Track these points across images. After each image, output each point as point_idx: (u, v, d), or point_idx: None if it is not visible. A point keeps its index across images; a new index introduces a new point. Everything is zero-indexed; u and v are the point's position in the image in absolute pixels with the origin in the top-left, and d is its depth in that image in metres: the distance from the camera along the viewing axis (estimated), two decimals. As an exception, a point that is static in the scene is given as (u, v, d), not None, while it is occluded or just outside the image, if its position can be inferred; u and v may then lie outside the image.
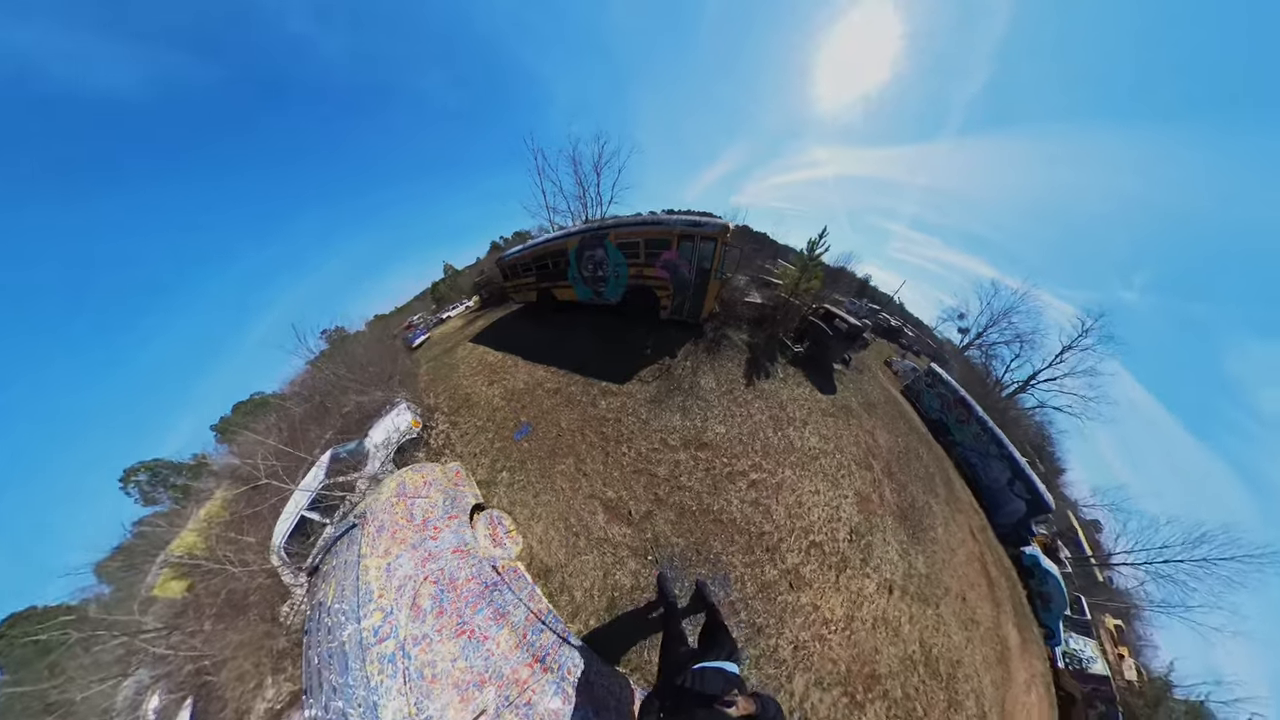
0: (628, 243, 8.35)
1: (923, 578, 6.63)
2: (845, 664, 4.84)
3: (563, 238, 9.66)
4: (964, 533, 9.33)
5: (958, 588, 7.44)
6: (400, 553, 3.49)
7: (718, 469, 6.11)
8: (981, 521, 11.60)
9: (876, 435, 9.02)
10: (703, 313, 8.92)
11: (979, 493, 12.67)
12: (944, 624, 6.43)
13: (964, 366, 26.28)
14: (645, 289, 8.68)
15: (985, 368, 27.69)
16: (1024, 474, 12.93)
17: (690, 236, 7.74)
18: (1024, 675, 7.78)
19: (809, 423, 7.81)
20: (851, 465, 7.41)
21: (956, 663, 6.20)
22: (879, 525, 6.62)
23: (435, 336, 18.18)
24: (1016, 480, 12.72)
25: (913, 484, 8.45)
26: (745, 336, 9.69)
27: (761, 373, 8.61)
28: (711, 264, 7.87)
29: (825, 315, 9.48)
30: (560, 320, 10.66)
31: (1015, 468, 12.92)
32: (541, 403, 7.26)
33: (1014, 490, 12.78)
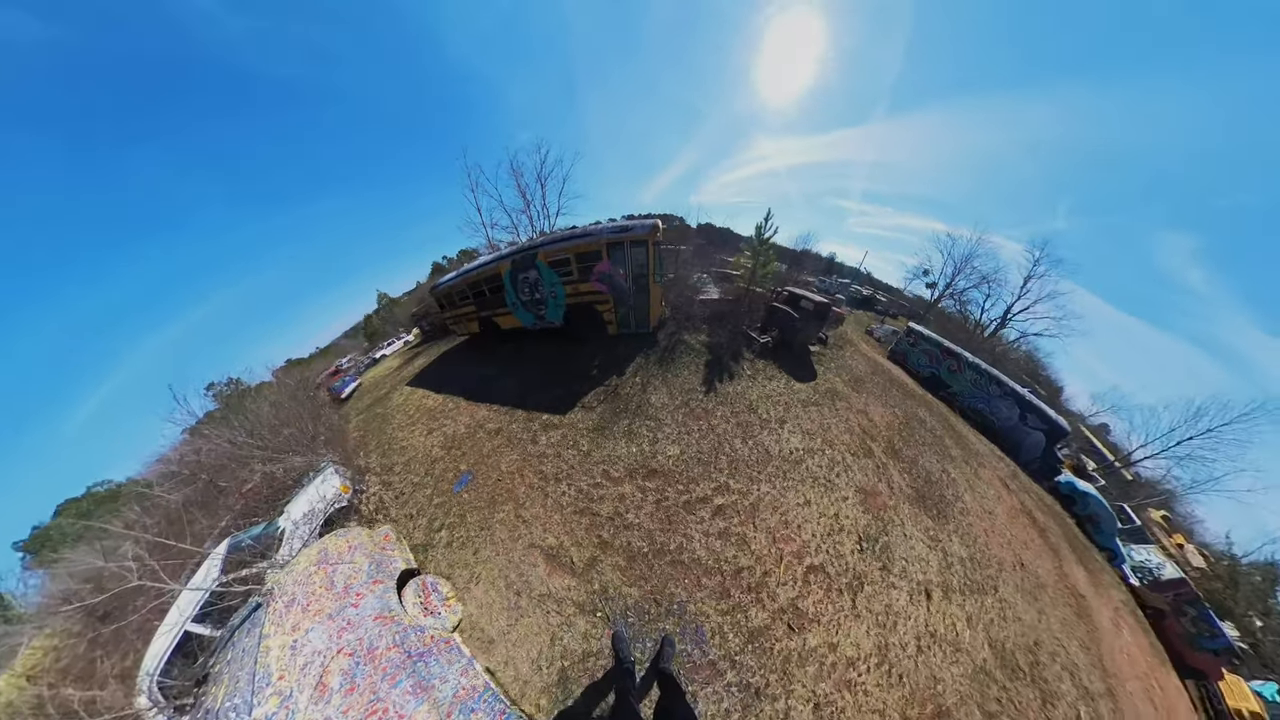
0: (558, 260, 7.88)
1: (966, 562, 5.80)
2: (896, 710, 3.83)
3: (494, 261, 9.11)
4: (996, 488, 8.48)
5: (1010, 555, 6.56)
6: (312, 626, 3.24)
7: (671, 499, 5.19)
8: (1010, 468, 10.84)
9: (871, 412, 8.21)
10: (651, 321, 8.41)
11: (996, 439, 12.30)
12: (1008, 606, 5.54)
13: (940, 318, 26.87)
14: (586, 306, 8.18)
15: (962, 315, 28.28)
16: (1033, 405, 12.83)
17: (619, 244, 7.36)
18: (1108, 616, 7.24)
19: (787, 420, 6.90)
20: (847, 457, 6.56)
21: (1035, 645, 5.27)
22: (894, 519, 5.76)
23: (367, 382, 15.83)
24: (1027, 413, 12.55)
25: (923, 455, 7.61)
26: (704, 337, 8.95)
27: (725, 374, 7.59)
28: (647, 268, 7.46)
29: (790, 298, 8.97)
30: (506, 351, 9.95)
31: (1022, 401, 12.79)
32: (482, 446, 6.51)
33: (1028, 424, 12.57)
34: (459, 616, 4.35)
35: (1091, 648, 5.92)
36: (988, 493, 8.01)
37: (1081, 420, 26.57)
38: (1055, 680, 5.08)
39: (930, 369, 14.07)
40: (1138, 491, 20.09)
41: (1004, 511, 7.85)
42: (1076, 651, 5.62)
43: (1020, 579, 6.26)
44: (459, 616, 4.35)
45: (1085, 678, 5.33)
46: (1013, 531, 7.40)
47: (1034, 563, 6.95)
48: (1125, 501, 17.03)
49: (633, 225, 7.66)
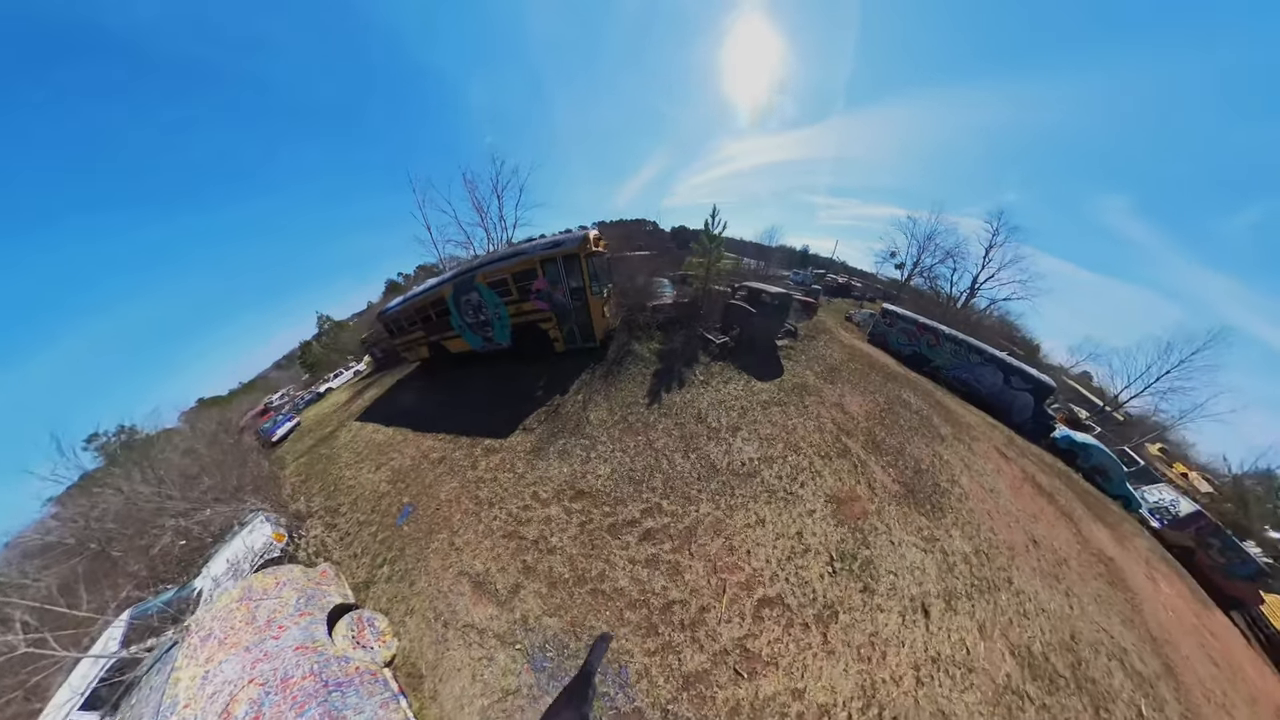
0: (497, 281, 7.86)
1: (970, 558, 5.04)
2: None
3: (437, 286, 9.07)
4: (994, 461, 7.89)
5: (1021, 536, 5.86)
6: (227, 658, 3.22)
7: (595, 522, 4.80)
8: (1005, 434, 10.44)
9: (847, 404, 7.57)
10: (597, 334, 8.11)
11: (985, 407, 12.20)
12: (1028, 599, 4.79)
13: (914, 297, 27.30)
14: (531, 325, 8.09)
15: (934, 291, 28.99)
16: (1015, 366, 13.06)
17: (552, 260, 7.29)
18: (1141, 572, 7.01)
19: (741, 427, 6.20)
20: (815, 462, 5.79)
21: (1072, 639, 4.53)
22: (877, 527, 4.99)
23: (309, 420, 14.26)
24: (1011, 376, 12.70)
25: (910, 442, 6.96)
26: (657, 345, 8.51)
27: (674, 383, 7.11)
28: (583, 281, 7.32)
29: (750, 294, 8.52)
30: (457, 376, 9.72)
31: (1004, 365, 13.00)
32: (425, 476, 6.34)
33: (1013, 386, 12.66)
34: (392, 651, 4.20)
35: (1135, 619, 5.40)
36: (986, 468, 7.36)
37: (1064, 373, 27.78)
38: (1104, 676, 4.36)
39: (910, 347, 14.07)
40: (1132, 431, 21.39)
41: (1007, 486, 7.21)
42: (1120, 631, 5.00)
43: (1037, 561, 5.54)
44: (392, 651, 4.20)
45: (1137, 660, 4.70)
46: (1019, 506, 6.74)
47: (1049, 536, 6.30)
48: (1124, 444, 17.69)
49: (563, 239, 7.54)
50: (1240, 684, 5.85)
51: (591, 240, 7.51)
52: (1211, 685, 5.15)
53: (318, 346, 32.23)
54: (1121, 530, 8.50)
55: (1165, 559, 8.82)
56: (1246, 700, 5.55)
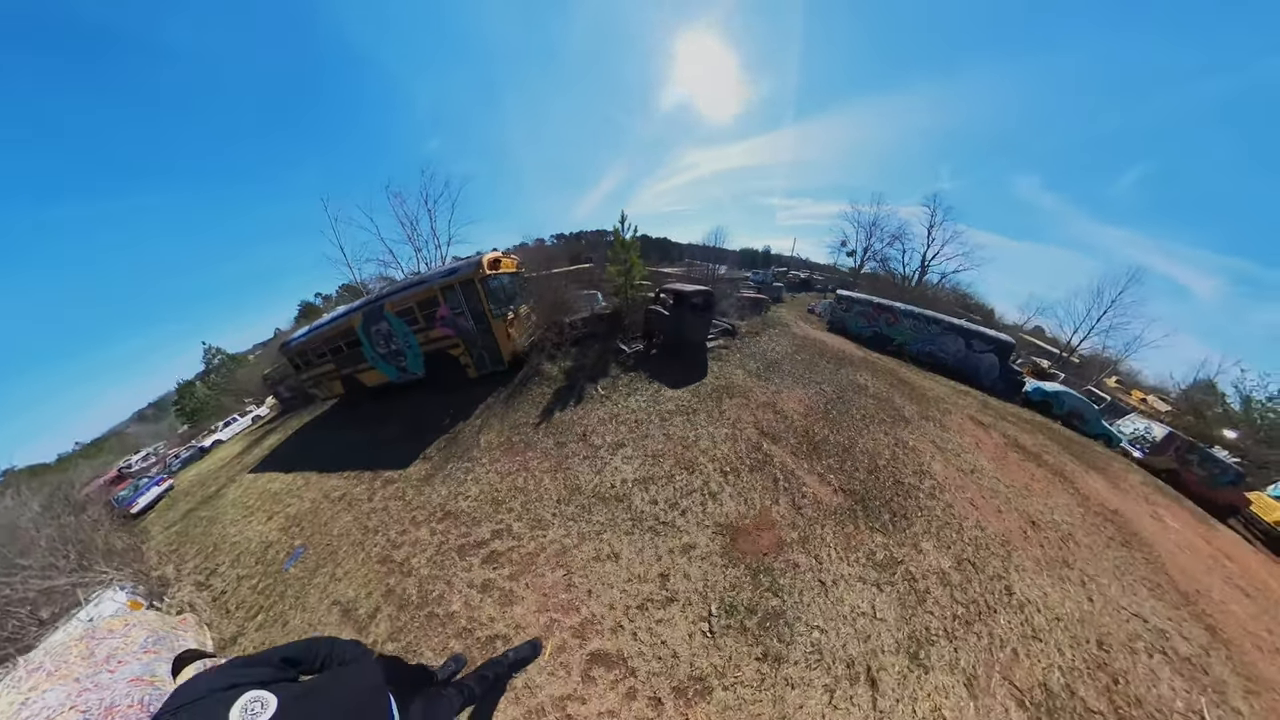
0: (404, 310, 7.89)
1: (953, 574, 3.86)
2: None
3: (346, 314, 8.89)
4: (970, 433, 7.10)
5: (1016, 521, 4.91)
6: (52, 688, 3.06)
7: (451, 542, 4.50)
8: (978, 399, 10.01)
9: (782, 401, 6.64)
10: (505, 356, 7.90)
11: (954, 375, 12.18)
12: (1038, 608, 3.74)
13: (871, 281, 28.28)
14: (441, 353, 8.05)
15: (889, 273, 30.53)
16: (974, 330, 13.36)
17: (449, 287, 7.43)
18: (1146, 514, 6.84)
19: (627, 444, 5.44)
20: (713, 480, 4.70)
21: (1099, 646, 3.54)
22: (798, 563, 3.76)
23: (185, 483, 11.72)
24: (972, 340, 12.85)
25: (864, 434, 6.00)
26: (569, 362, 7.97)
27: (573, 400, 6.74)
28: (483, 306, 7.46)
29: (675, 297, 7.78)
30: (375, 410, 9.24)
31: (963, 330, 13.23)
32: (322, 516, 6.11)
33: (976, 349, 12.78)
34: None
35: (1160, 581, 4.76)
36: (962, 444, 6.50)
37: (1019, 330, 29.67)
38: (1149, 687, 3.34)
39: (871, 328, 14.30)
40: (1090, 370, 23.53)
41: (989, 459, 6.35)
42: (1152, 607, 4.24)
43: (1040, 549, 4.56)
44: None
45: (1179, 640, 3.93)
46: (1008, 480, 5.86)
47: (1047, 510, 5.42)
48: (1087, 384, 18.64)
49: (459, 266, 7.63)
50: (1277, 607, 5.64)
51: (486, 264, 7.46)
52: (1254, 626, 4.71)
53: (203, 388, 24.50)
54: (1113, 471, 8.47)
55: (1159, 488, 8.96)
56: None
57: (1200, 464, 10.62)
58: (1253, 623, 4.78)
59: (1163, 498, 8.31)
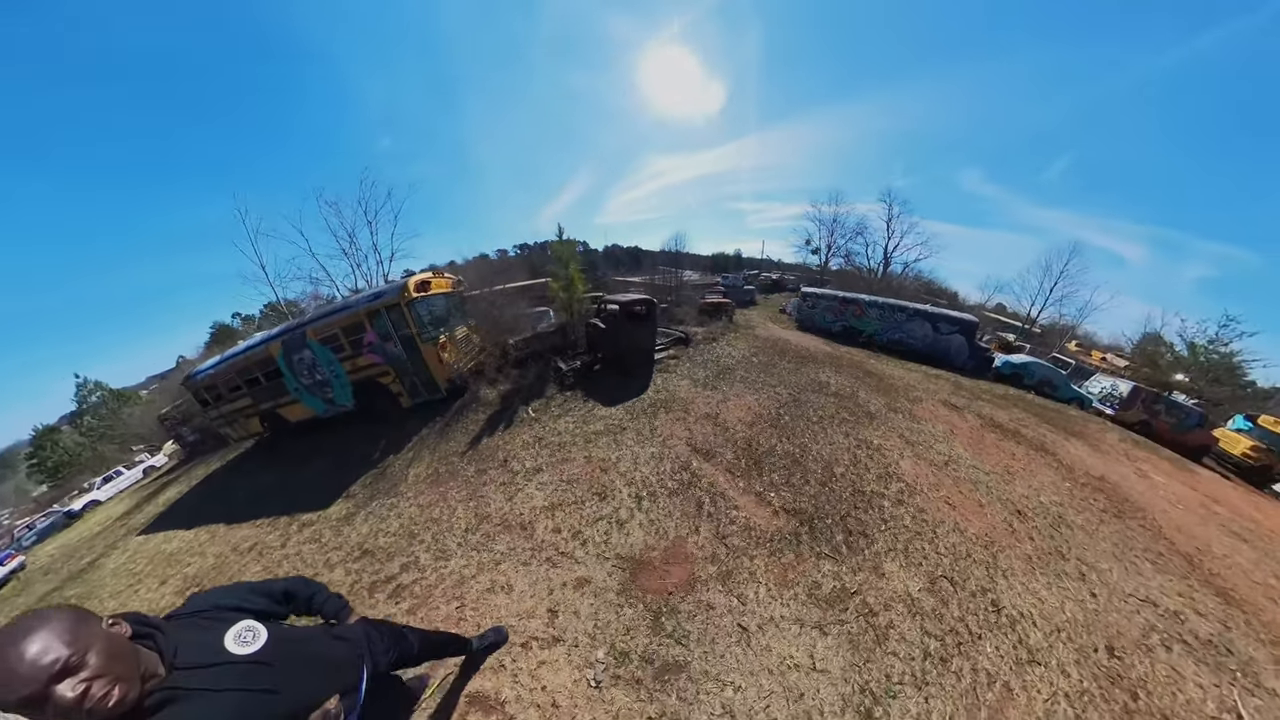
0: (328, 337, 7.44)
1: (925, 599, 3.26)
2: None
3: (264, 342, 8.19)
4: (944, 420, 6.71)
5: (1000, 515, 4.40)
6: None
7: (364, 580, 4.26)
8: (950, 383, 9.81)
9: (726, 411, 6.13)
10: (440, 383, 7.39)
11: (925, 360, 12.17)
12: (1034, 622, 3.21)
13: (840, 276, 29.22)
14: (371, 382, 7.56)
15: (855, 268, 32.12)
16: (938, 314, 13.62)
17: (375, 311, 7.08)
18: (1130, 472, 6.82)
19: (546, 468, 5.07)
20: (625, 505, 4.22)
21: (1110, 653, 3.01)
22: (712, 604, 3.18)
23: (44, 558, 10.14)
24: (938, 323, 13.02)
25: (820, 439, 5.47)
26: (507, 386, 7.49)
27: (503, 425, 6.37)
28: (411, 330, 6.99)
29: (617, 309, 7.33)
30: (299, 449, 8.32)
31: (928, 315, 13.42)
32: (228, 570, 5.64)
33: (943, 331, 12.91)
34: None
35: (1162, 551, 4.48)
36: (935, 433, 6.07)
37: (983, 309, 31.21)
38: (1171, 684, 2.86)
39: (839, 322, 14.46)
40: (1052, 339, 25.64)
41: (965, 445, 5.92)
42: (1160, 585, 3.86)
43: (1030, 544, 4.04)
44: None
45: (1195, 617, 3.54)
46: (988, 466, 5.41)
47: (1032, 494, 4.95)
48: (1051, 351, 19.74)
49: (385, 289, 7.38)
50: (1273, 544, 5.76)
51: (413, 287, 7.05)
52: (1261, 575, 4.58)
53: (71, 435, 19.53)
54: (1091, 433, 8.55)
55: (1136, 442, 9.21)
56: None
57: (1167, 412, 11.24)
58: (1258, 571, 4.70)
59: (1141, 451, 8.48)
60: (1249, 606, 3.87)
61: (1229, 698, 2.88)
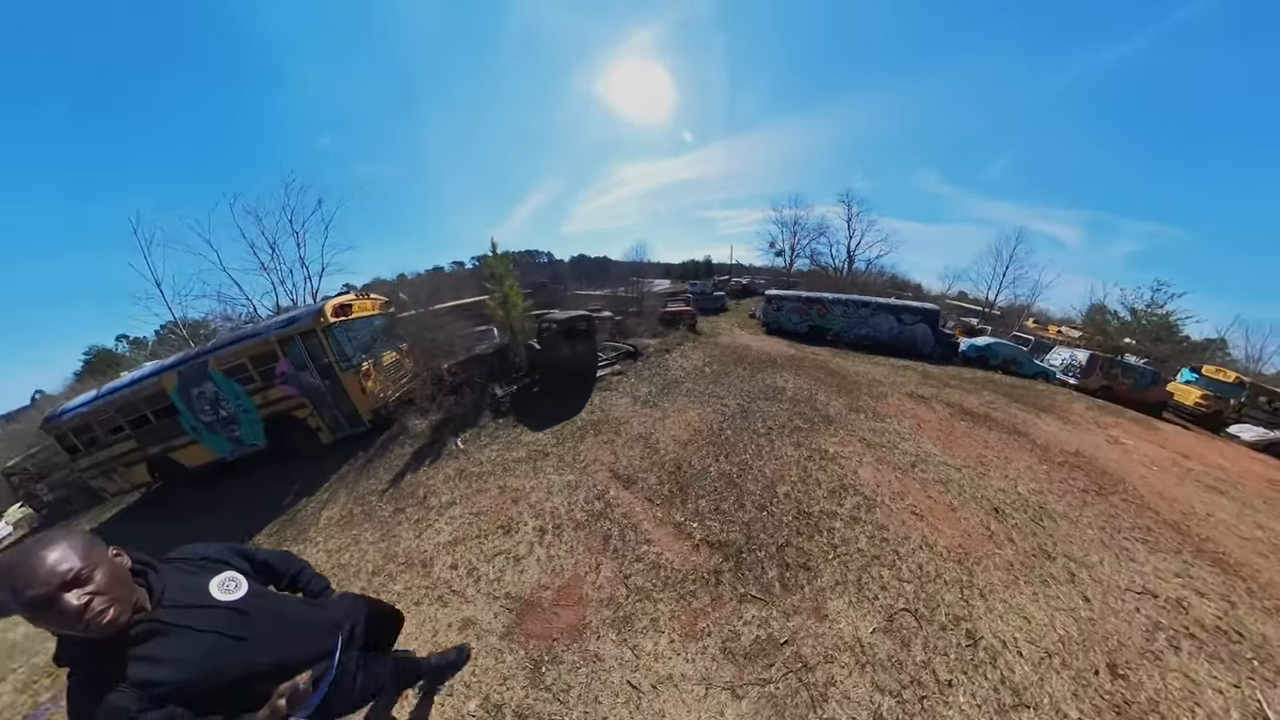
0: (234, 367, 6.72)
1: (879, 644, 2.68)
2: None
3: (154, 374, 7.22)
4: (909, 415, 6.32)
5: (976, 517, 3.94)
6: None
7: None
8: (917, 373, 9.67)
9: (661, 430, 5.59)
10: (363, 414, 6.76)
11: (893, 352, 12.16)
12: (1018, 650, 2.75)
13: (809, 277, 29.83)
14: (285, 416, 6.84)
15: (821, 268, 32.97)
16: (901, 306, 13.70)
17: (289, 338, 6.55)
18: (1102, 440, 6.84)
19: (458, 502, 4.68)
20: (526, 540, 3.85)
21: (1112, 671, 2.48)
22: (599, 655, 2.71)
23: None
24: (902, 315, 13.03)
25: (766, 453, 4.93)
26: (439, 415, 6.87)
27: (430, 457, 5.86)
28: (329, 358, 6.50)
29: (566, 325, 6.81)
30: (197, 498, 7.19)
31: (891, 307, 13.47)
32: None
33: (907, 322, 12.92)
34: None
35: (1149, 525, 4.23)
36: (901, 431, 5.63)
37: (945, 298, 32.13)
38: (1188, 697, 2.44)
39: (805, 323, 14.34)
40: (1011, 319, 26.27)
41: (934, 439, 5.50)
42: (1155, 568, 3.54)
43: (1011, 547, 3.55)
44: None
45: (1196, 598, 3.22)
46: (959, 459, 4.99)
47: (1009, 485, 4.50)
48: (1013, 331, 20.30)
49: (299, 314, 6.77)
50: (1246, 491, 5.87)
51: (330, 311, 6.46)
52: (1246, 529, 4.54)
53: None
54: (1059, 406, 8.65)
55: (1102, 407, 9.40)
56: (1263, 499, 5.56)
57: (1124, 374, 11.77)
58: (1242, 525, 4.67)
59: (1109, 417, 8.60)
60: (1245, 570, 3.72)
61: (1251, 698, 2.45)
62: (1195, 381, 13.60)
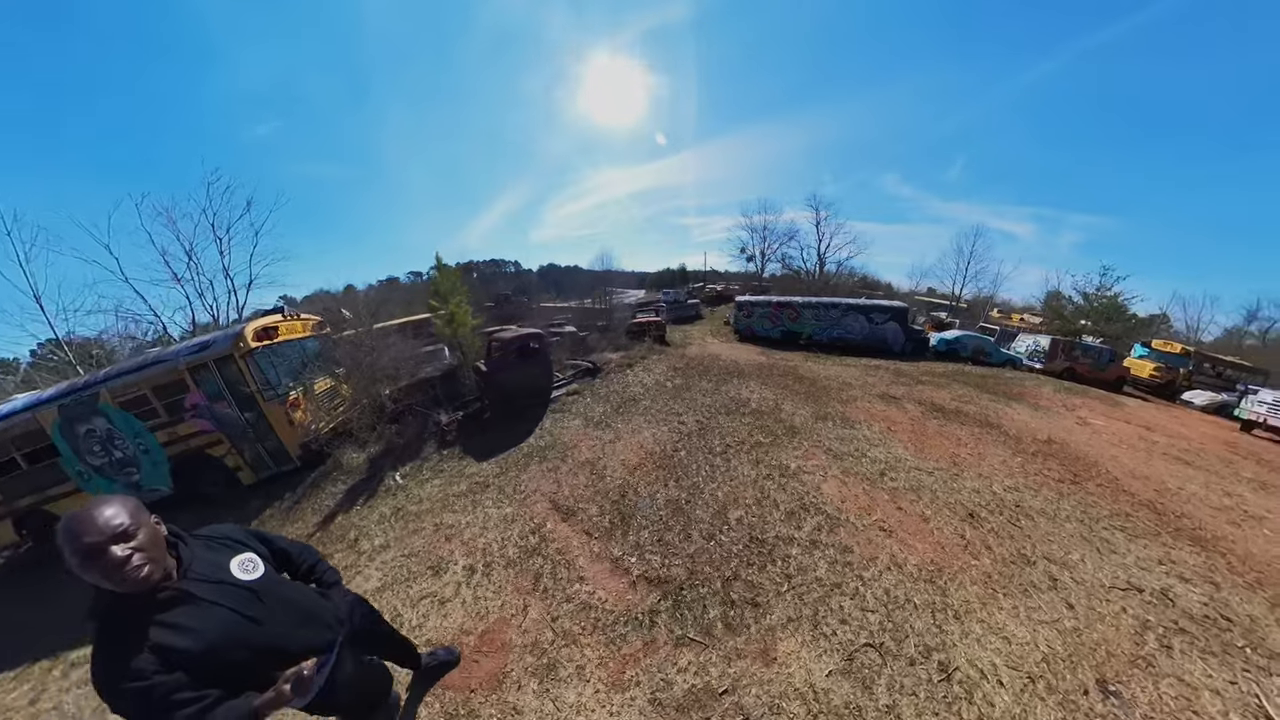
0: (133, 399, 5.83)
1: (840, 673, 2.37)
2: None
3: (26, 409, 6.06)
4: (879, 419, 6.11)
5: (952, 526, 3.68)
6: None
7: None
8: (889, 372, 9.60)
9: (613, 456, 5.14)
10: (294, 451, 6.03)
11: (865, 352, 12.26)
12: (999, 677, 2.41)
13: (781, 281, 30.30)
14: (197, 455, 5.99)
15: (793, 271, 33.43)
16: (869, 305, 13.82)
17: (201, 365, 5.80)
18: (1072, 423, 6.93)
19: (392, 544, 4.24)
20: (454, 580, 3.53)
21: (1103, 690, 2.29)
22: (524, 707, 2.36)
23: None
24: (872, 314, 13.13)
25: (719, 475, 4.52)
26: (379, 448, 6.21)
27: (365, 495, 5.22)
28: (251, 387, 5.83)
29: (520, 346, 6.38)
30: None
31: (861, 307, 13.56)
32: None
33: (877, 321, 13.02)
34: None
35: (1125, 507, 4.16)
36: (871, 437, 5.37)
37: (914, 295, 33.63)
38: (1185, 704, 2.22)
39: (777, 328, 14.38)
40: (978, 310, 28.10)
41: (906, 443, 5.27)
42: (1136, 558, 3.38)
43: (989, 555, 3.27)
44: None
45: (1184, 589, 3.07)
46: (933, 461, 4.77)
47: (984, 484, 4.30)
48: (980, 322, 21.58)
49: (214, 338, 5.98)
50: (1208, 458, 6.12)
51: (251, 334, 5.78)
52: (1217, 499, 4.64)
53: None
54: (1028, 392, 8.83)
55: (1068, 389, 9.73)
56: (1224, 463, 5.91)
57: (1084, 354, 12.47)
58: (1211, 495, 4.73)
59: (1075, 398, 8.82)
60: (1222, 544, 3.70)
61: (1250, 694, 2.30)
62: (1148, 355, 14.89)
